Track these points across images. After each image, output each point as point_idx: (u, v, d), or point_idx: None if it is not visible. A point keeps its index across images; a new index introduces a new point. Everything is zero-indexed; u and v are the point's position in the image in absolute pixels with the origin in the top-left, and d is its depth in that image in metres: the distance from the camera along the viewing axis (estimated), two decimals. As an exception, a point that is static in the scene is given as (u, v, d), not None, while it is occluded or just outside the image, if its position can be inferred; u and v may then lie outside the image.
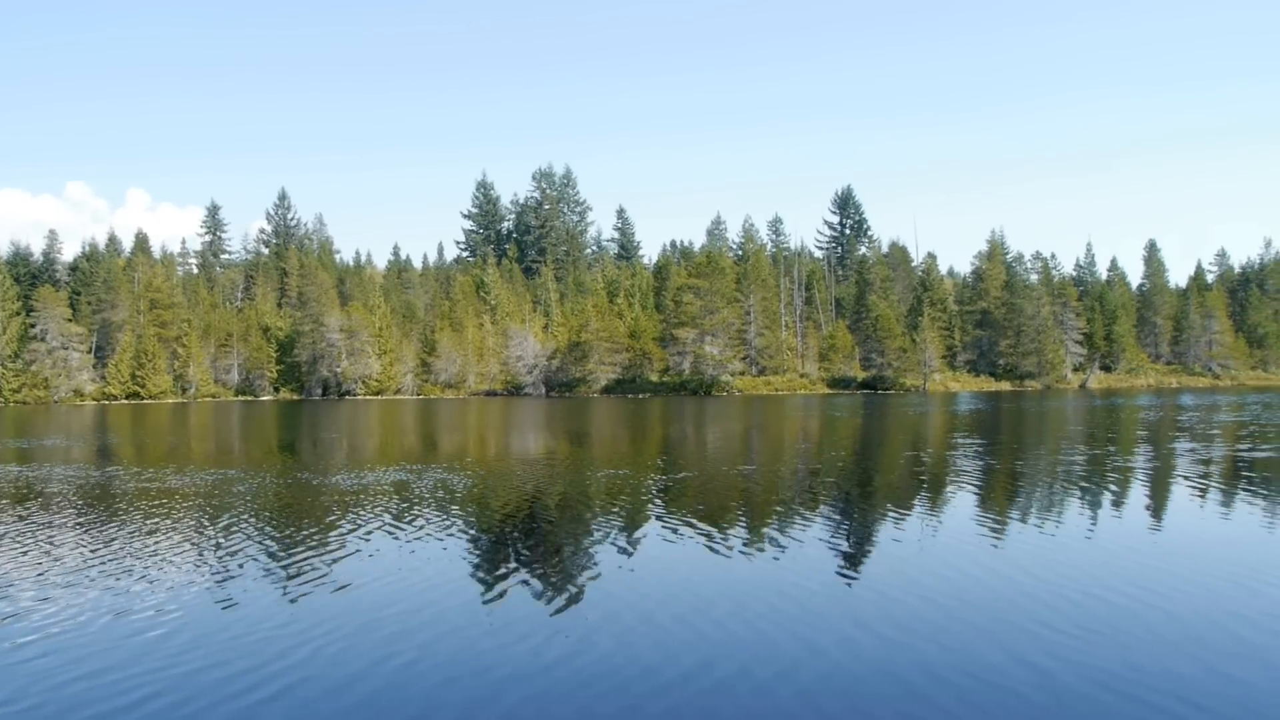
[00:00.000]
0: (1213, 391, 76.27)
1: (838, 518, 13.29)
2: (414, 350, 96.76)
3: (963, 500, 15.15)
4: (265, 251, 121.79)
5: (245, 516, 13.54)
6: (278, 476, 19.09)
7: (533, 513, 14.02)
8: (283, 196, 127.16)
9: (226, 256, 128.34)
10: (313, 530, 12.27)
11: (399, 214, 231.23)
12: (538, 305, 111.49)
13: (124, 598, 8.66)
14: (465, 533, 12.17)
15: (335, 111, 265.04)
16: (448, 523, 12.82)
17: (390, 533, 12.02)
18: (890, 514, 13.60)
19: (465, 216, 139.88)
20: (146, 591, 8.93)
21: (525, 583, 9.23)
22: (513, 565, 10.12)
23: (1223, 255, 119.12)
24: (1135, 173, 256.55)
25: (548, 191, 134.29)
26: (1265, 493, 15.72)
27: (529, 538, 11.96)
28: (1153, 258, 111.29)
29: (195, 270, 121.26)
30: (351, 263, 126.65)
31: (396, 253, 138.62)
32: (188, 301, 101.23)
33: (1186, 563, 9.83)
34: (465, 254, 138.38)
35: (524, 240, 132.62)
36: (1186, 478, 17.76)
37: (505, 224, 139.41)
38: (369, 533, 12.04)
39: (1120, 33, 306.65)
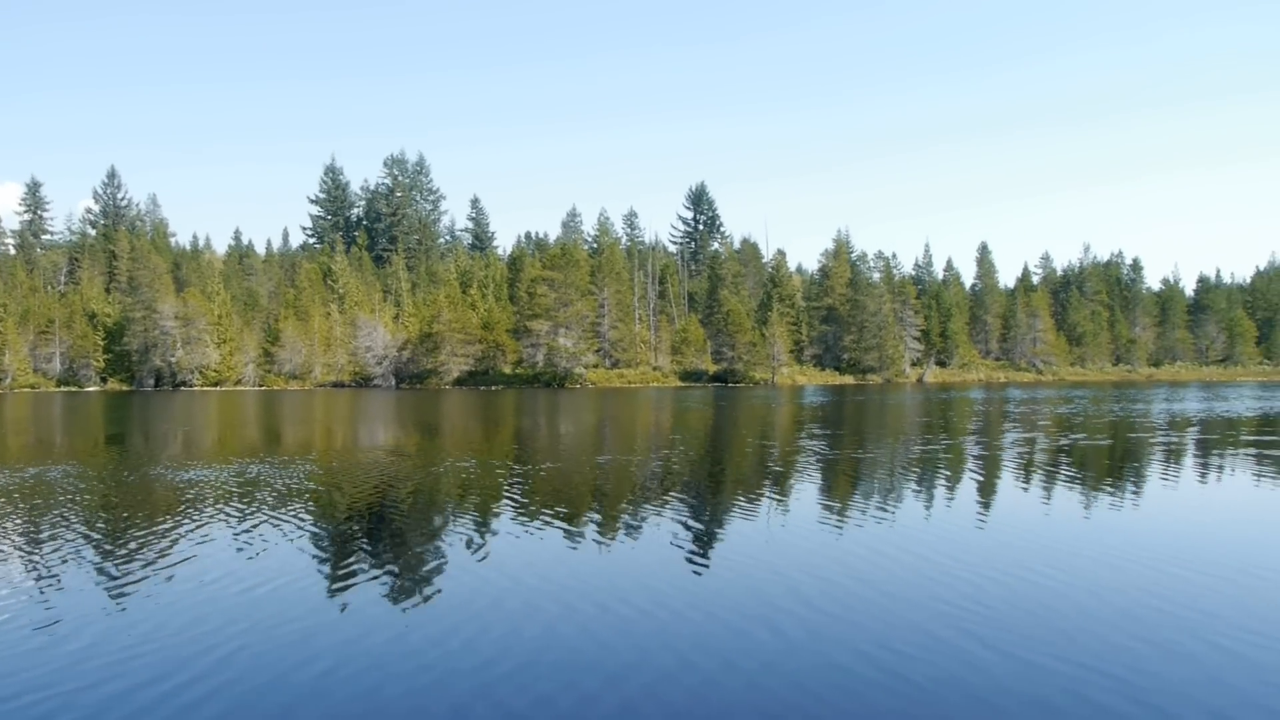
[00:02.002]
0: (1036, 386, 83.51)
1: (690, 507, 13.87)
2: (256, 340, 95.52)
3: (809, 487, 16.18)
4: (92, 233, 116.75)
5: (69, 516, 13.00)
6: (105, 473, 18.54)
7: (383, 507, 14.07)
8: (112, 175, 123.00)
9: (48, 237, 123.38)
10: (142, 530, 11.94)
11: (241, 198, 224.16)
12: (388, 295, 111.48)
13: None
14: (311, 530, 12.03)
15: (175, 98, 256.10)
16: (292, 520, 12.66)
17: (230, 531, 11.83)
18: (740, 502, 14.35)
19: (312, 202, 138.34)
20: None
21: (375, 578, 9.38)
22: (362, 561, 10.19)
23: (1047, 259, 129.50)
24: (970, 176, 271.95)
25: (399, 179, 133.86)
26: (1088, 475, 17.81)
27: (379, 532, 12.03)
28: (984, 259, 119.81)
29: (12, 251, 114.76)
30: (189, 247, 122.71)
31: (238, 238, 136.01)
32: (3, 284, 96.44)
33: (1021, 545, 10.77)
34: (312, 241, 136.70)
35: (374, 228, 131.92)
36: (1016, 463, 19.68)
37: (355, 211, 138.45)
38: (205, 532, 11.79)
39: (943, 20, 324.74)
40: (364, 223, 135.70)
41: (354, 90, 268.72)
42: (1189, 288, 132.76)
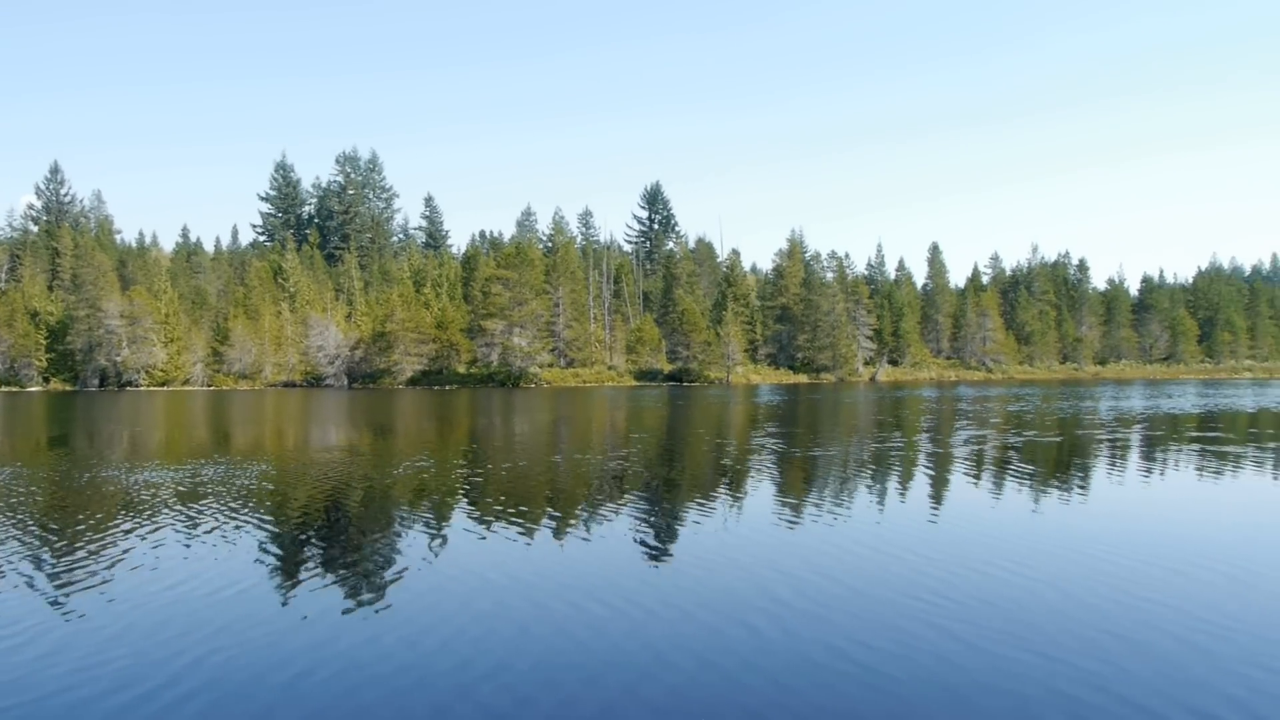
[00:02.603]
0: (986, 384, 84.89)
1: (652, 506, 13.93)
2: (204, 339, 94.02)
3: (769, 486, 16.37)
4: (34, 229, 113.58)
5: (19, 521, 12.74)
6: (52, 475, 18.14)
7: (341, 508, 13.97)
8: (55, 170, 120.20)
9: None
10: (98, 534, 11.68)
11: (189, 195, 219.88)
12: (340, 293, 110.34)
13: None
14: (272, 532, 11.90)
15: (125, 96, 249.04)
16: (252, 522, 12.51)
17: (188, 534, 11.65)
18: (702, 501, 14.40)
19: (263, 199, 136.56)
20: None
21: (342, 579, 9.31)
22: (326, 562, 10.11)
23: (996, 259, 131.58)
24: (922, 179, 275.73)
25: (352, 176, 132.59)
26: (1044, 471, 18.21)
27: (340, 534, 11.92)
28: (935, 259, 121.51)
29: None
30: (134, 244, 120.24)
31: (186, 235, 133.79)
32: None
33: (983, 540, 10.97)
34: (262, 238, 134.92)
35: (326, 226, 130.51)
36: (973, 460, 19.95)
37: (306, 208, 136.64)
38: (163, 535, 11.59)
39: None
40: (315, 220, 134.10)
41: (306, 90, 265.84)
42: (1133, 288, 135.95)
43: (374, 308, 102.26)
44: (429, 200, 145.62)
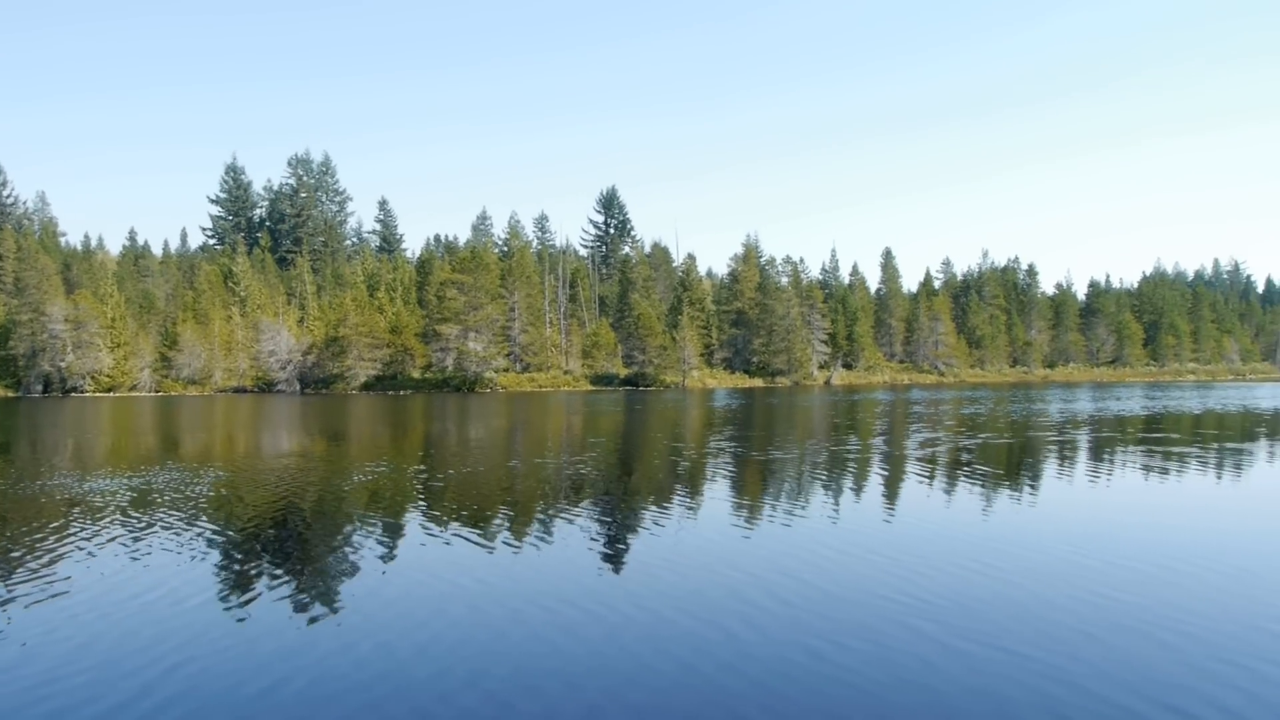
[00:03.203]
0: (939, 387, 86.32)
1: (609, 510, 13.90)
2: (152, 344, 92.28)
3: (730, 489, 16.45)
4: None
5: None
6: None
7: (287, 516, 13.69)
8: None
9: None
10: (52, 543, 11.43)
11: (137, 197, 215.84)
12: (292, 298, 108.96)
13: None
14: (221, 539, 11.71)
15: (71, 99, 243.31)
16: (200, 530, 12.33)
17: (125, 543, 11.39)
18: (658, 504, 14.37)
19: (213, 202, 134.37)
20: None
21: (311, 586, 9.21)
22: (292, 569, 9.98)
23: (948, 264, 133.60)
24: (876, 185, 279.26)
25: (304, 179, 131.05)
26: (1000, 472, 18.60)
27: (292, 541, 11.74)
28: (888, 264, 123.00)
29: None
30: (80, 247, 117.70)
31: (133, 238, 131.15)
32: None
33: (946, 539, 11.22)
34: (212, 242, 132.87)
35: (278, 229, 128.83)
36: (931, 462, 20.30)
37: (258, 211, 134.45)
38: (98, 543, 11.38)
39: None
40: (267, 224, 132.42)
41: (257, 95, 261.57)
42: (1081, 292, 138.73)
43: (327, 312, 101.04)
44: (383, 204, 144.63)
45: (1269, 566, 9.98)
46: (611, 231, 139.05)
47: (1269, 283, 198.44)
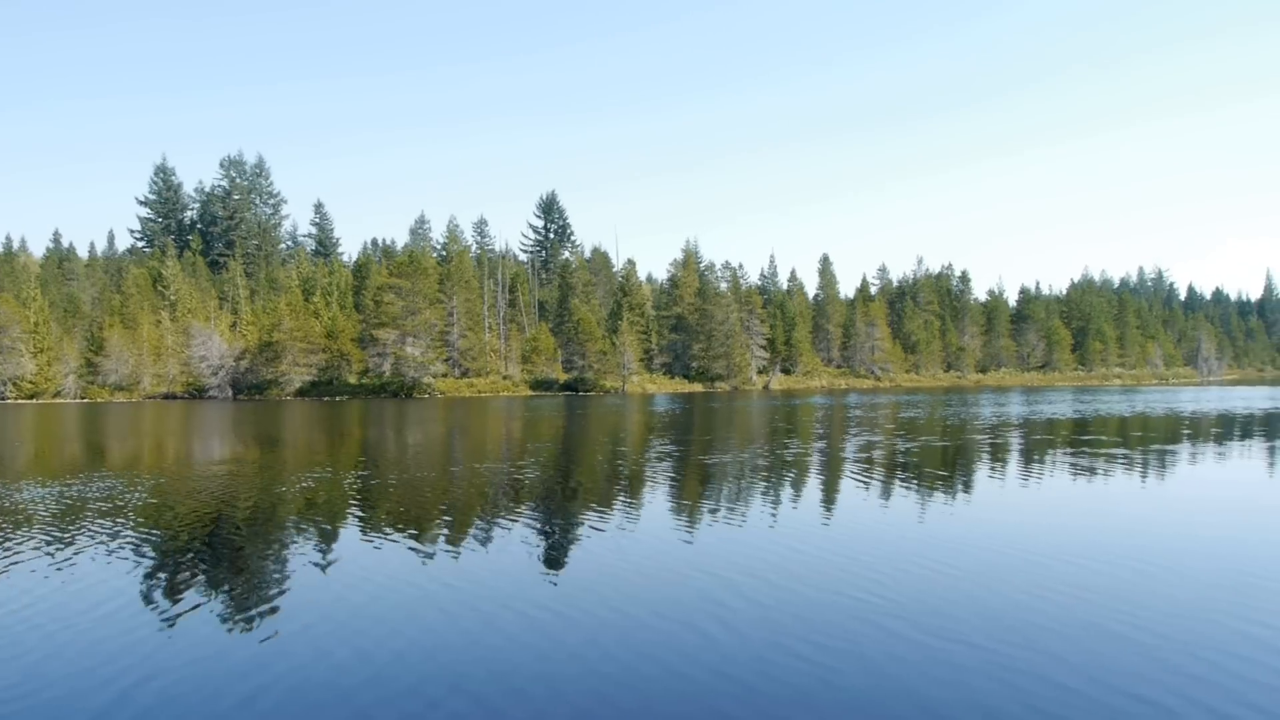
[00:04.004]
0: (875, 392, 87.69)
1: (542, 516, 13.85)
2: (78, 349, 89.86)
3: (659, 493, 16.43)
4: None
5: None
6: None
7: (219, 524, 13.41)
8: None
9: None
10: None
11: (61, 198, 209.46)
12: (225, 302, 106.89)
13: None
14: (141, 549, 11.40)
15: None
16: (119, 539, 12.02)
17: (49, 553, 11.13)
18: (592, 510, 14.34)
19: (141, 203, 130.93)
20: None
21: (212, 597, 9.03)
22: (198, 580, 9.73)
23: (883, 270, 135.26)
24: (813, 190, 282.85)
25: (237, 181, 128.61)
26: (937, 473, 18.96)
27: (215, 550, 11.49)
28: (826, 270, 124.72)
29: None
30: (1, 250, 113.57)
31: (57, 240, 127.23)
32: None
33: (900, 538, 11.59)
34: (141, 244, 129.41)
35: (209, 232, 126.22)
36: (877, 464, 20.76)
37: (188, 214, 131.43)
38: (20, 553, 11.16)
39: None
40: (198, 226, 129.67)
41: (190, 101, 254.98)
42: (1012, 299, 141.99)
43: (260, 316, 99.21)
44: (319, 207, 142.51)
45: (1205, 559, 10.50)
46: (551, 236, 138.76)
47: (1190, 290, 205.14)
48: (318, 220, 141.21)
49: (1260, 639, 7.41)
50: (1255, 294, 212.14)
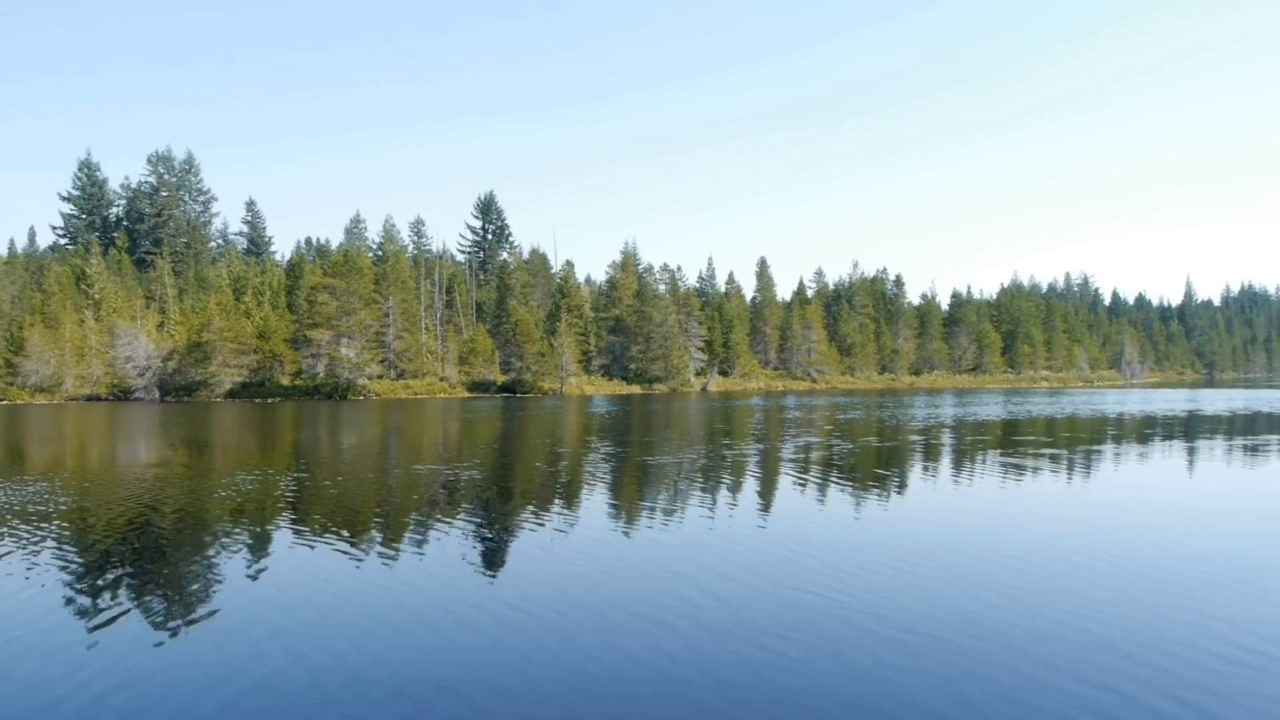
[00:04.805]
0: (812, 393, 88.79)
1: (479, 519, 13.80)
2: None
3: (592, 498, 16.44)
4: None
5: None
6: None
7: (146, 529, 13.08)
8: None
9: None
10: None
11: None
12: (152, 301, 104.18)
13: None
14: (62, 555, 11.17)
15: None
16: (39, 544, 11.76)
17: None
18: (524, 515, 14.29)
19: (64, 199, 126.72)
20: None
21: (137, 604, 8.82)
22: (122, 587, 9.50)
23: (820, 274, 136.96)
24: (750, 194, 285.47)
25: (165, 177, 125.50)
26: (871, 474, 19.56)
27: (142, 556, 11.17)
28: (763, 273, 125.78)
29: None
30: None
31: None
32: None
33: (852, 535, 12.08)
34: (64, 241, 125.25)
35: (136, 229, 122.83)
36: (807, 465, 21.22)
37: (114, 210, 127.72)
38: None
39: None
40: (124, 223, 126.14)
41: (118, 104, 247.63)
42: (944, 303, 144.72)
43: (189, 316, 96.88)
44: (251, 205, 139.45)
45: (1143, 549, 11.23)
46: (489, 237, 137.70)
47: (1115, 296, 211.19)
48: (249, 219, 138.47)
49: (1202, 626, 7.86)
50: (1176, 299, 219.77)
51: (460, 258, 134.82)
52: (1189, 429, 33.54)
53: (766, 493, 16.95)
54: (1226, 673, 6.70)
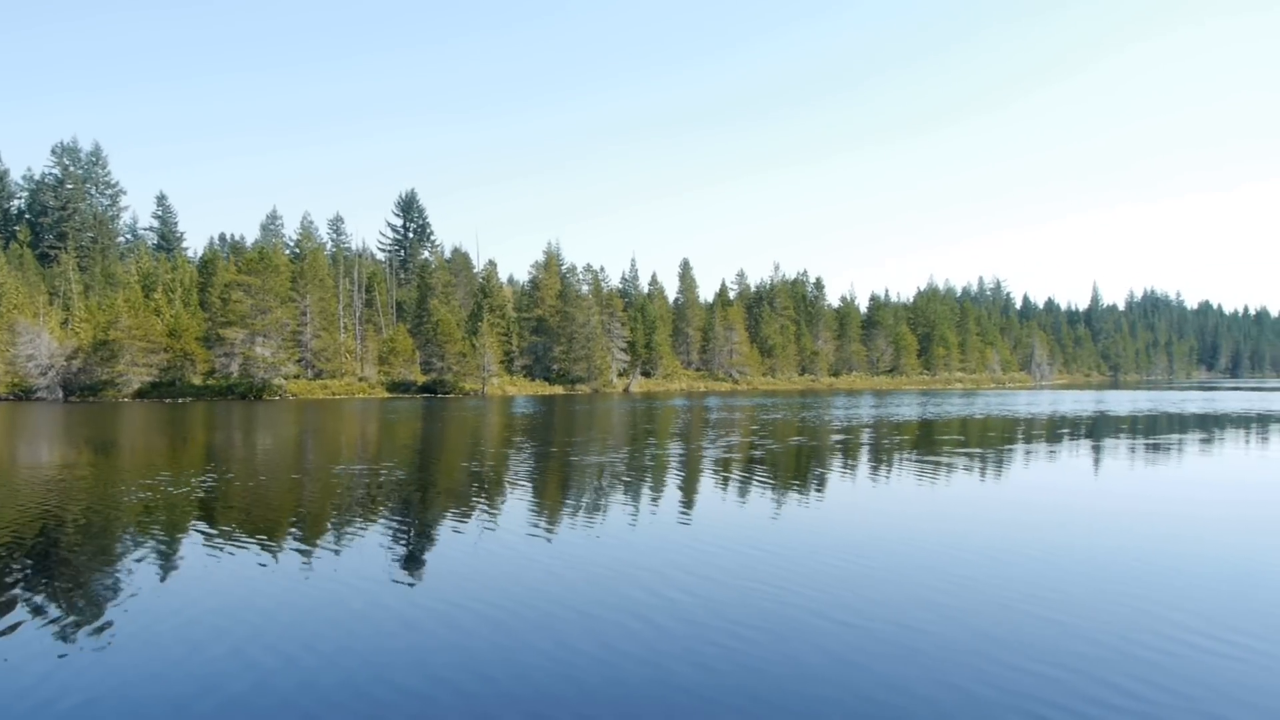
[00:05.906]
0: (733, 394, 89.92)
1: (397, 522, 13.65)
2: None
3: (518, 497, 16.51)
4: None
5: None
6: None
7: (45, 534, 12.70)
8: None
9: None
10: None
11: None
12: (55, 297, 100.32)
13: None
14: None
15: None
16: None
17: None
18: (450, 514, 14.30)
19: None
20: None
21: (38, 611, 8.57)
22: (21, 594, 9.20)
23: (742, 276, 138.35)
24: (672, 193, 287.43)
25: (70, 169, 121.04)
26: (788, 472, 20.14)
27: (42, 562, 10.84)
28: (686, 275, 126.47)
29: None
30: None
31: None
32: None
33: (788, 535, 12.41)
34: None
35: (39, 223, 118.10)
36: (734, 464, 21.87)
37: (16, 203, 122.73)
38: None
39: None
40: (26, 217, 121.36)
41: (23, 100, 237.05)
42: (863, 305, 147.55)
43: (96, 313, 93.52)
44: (161, 199, 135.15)
45: (1078, 541, 11.98)
46: (410, 236, 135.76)
47: (1025, 300, 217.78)
48: (160, 213, 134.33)
49: (1128, 608, 8.54)
50: (1083, 304, 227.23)
51: (380, 256, 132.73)
52: (1097, 429, 34.94)
53: (692, 490, 17.23)
54: (1146, 657, 7.14)
